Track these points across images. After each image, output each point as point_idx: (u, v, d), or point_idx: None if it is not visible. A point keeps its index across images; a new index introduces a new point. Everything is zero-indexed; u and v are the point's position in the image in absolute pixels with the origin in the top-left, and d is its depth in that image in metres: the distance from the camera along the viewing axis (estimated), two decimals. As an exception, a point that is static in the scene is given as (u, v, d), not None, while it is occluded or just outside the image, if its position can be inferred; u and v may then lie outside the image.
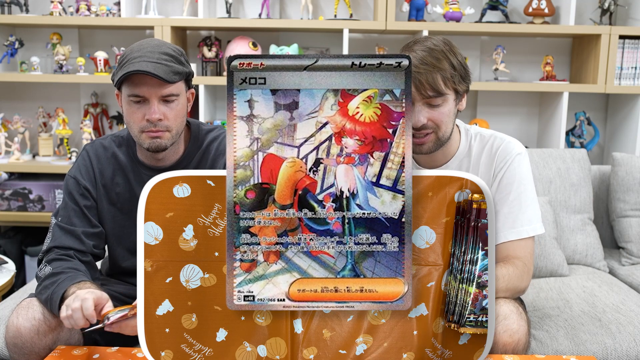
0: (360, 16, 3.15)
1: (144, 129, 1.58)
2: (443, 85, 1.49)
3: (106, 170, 1.70)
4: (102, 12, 2.91)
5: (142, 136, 1.59)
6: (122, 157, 1.71)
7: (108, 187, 1.70)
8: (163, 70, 1.53)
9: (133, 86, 1.55)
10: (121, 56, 1.59)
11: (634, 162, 2.53)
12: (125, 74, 1.52)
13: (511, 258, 1.55)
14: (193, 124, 1.75)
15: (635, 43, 2.90)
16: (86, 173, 1.69)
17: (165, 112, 1.57)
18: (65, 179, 1.71)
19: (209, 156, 1.72)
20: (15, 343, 1.50)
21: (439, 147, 1.58)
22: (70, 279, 1.48)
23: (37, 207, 2.94)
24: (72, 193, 1.67)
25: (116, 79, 1.56)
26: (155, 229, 1.39)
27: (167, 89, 1.56)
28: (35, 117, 3.12)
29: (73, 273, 1.52)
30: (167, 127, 1.59)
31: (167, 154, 1.68)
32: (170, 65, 1.55)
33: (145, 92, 1.55)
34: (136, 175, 1.69)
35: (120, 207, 1.70)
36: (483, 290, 1.37)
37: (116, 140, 1.73)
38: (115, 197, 1.70)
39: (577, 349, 1.81)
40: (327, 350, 1.41)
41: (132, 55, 1.55)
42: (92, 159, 1.70)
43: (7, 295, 2.16)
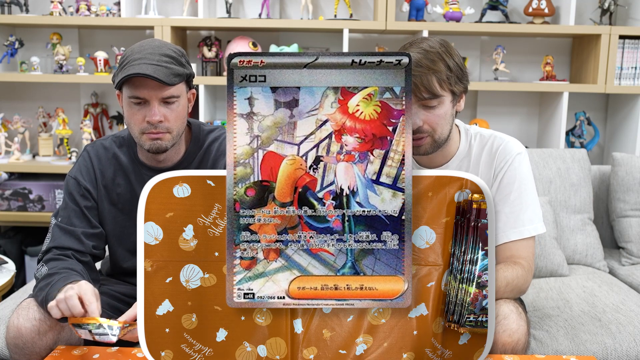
0: (360, 16, 3.15)
1: (145, 130, 1.58)
2: (438, 87, 1.48)
3: (107, 170, 1.70)
4: (102, 12, 2.91)
5: (142, 137, 1.59)
6: (123, 157, 1.71)
7: (109, 188, 1.70)
8: (163, 72, 1.53)
9: (133, 88, 1.54)
10: (122, 57, 1.59)
11: (634, 162, 2.53)
12: (126, 76, 1.51)
13: (515, 258, 1.55)
14: (194, 125, 1.75)
15: (635, 43, 2.90)
16: (87, 174, 1.69)
17: (165, 114, 1.57)
18: (65, 180, 1.71)
19: (210, 156, 1.72)
20: (16, 344, 1.49)
21: (436, 149, 1.57)
22: (64, 279, 1.47)
23: (37, 207, 2.94)
24: (72, 193, 1.67)
25: (117, 81, 1.56)
26: (155, 229, 1.39)
27: (167, 91, 1.55)
28: (35, 117, 3.12)
29: (67, 273, 1.51)
30: (167, 129, 1.58)
31: (168, 155, 1.68)
32: (170, 68, 1.55)
33: (145, 94, 1.54)
34: (137, 176, 1.69)
35: (121, 208, 1.70)
36: (483, 290, 1.37)
37: (117, 141, 1.73)
38: (116, 198, 1.70)
39: (577, 349, 1.80)
40: (327, 350, 1.41)
41: (132, 57, 1.55)
42: (93, 159, 1.70)
43: (7, 295, 2.16)
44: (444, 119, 1.53)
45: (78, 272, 1.54)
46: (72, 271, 1.53)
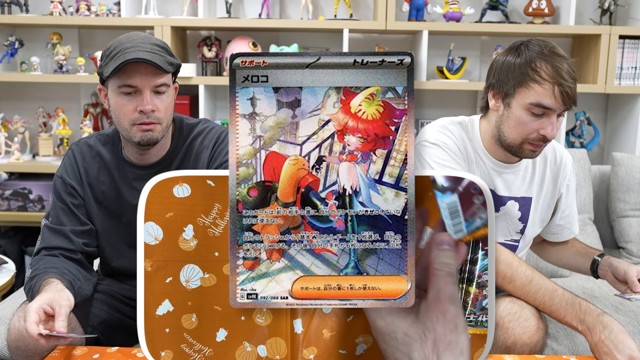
0: (360, 16, 3.15)
1: (136, 121, 1.56)
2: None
3: (91, 168, 1.69)
4: (102, 12, 2.91)
5: (133, 129, 1.57)
6: (107, 155, 1.69)
7: (93, 186, 1.69)
8: (159, 59, 1.52)
9: (125, 77, 1.52)
10: (107, 49, 1.56)
11: (634, 162, 2.54)
12: (125, 61, 1.49)
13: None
14: (177, 118, 1.73)
15: (635, 43, 2.90)
16: (72, 172, 1.68)
17: (157, 104, 1.56)
18: (53, 180, 1.70)
19: (193, 151, 1.70)
20: (17, 346, 1.49)
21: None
22: (39, 279, 1.46)
23: (37, 207, 2.94)
24: (59, 192, 1.67)
25: (110, 70, 1.51)
26: (155, 229, 1.39)
27: (160, 79, 1.54)
28: (35, 117, 3.12)
29: (42, 273, 1.49)
30: (158, 119, 1.57)
31: (154, 150, 1.66)
32: (164, 56, 1.55)
33: (138, 82, 1.53)
34: (121, 173, 1.68)
35: (106, 206, 1.69)
36: (483, 290, 1.37)
37: (101, 139, 1.72)
38: (101, 196, 1.69)
39: (577, 349, 1.81)
40: (327, 350, 1.41)
41: (123, 46, 1.53)
42: (77, 157, 1.69)
43: (7, 295, 2.15)
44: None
45: (56, 269, 1.51)
46: (47, 270, 1.50)
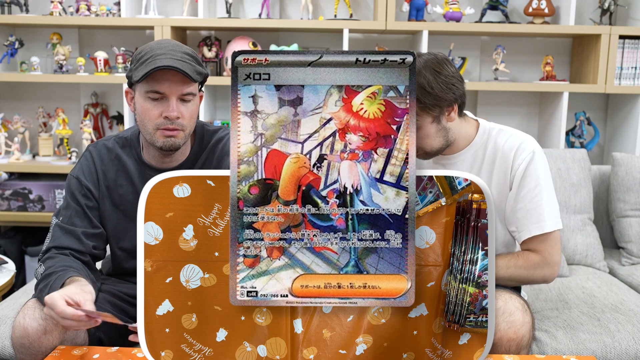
0: (360, 16, 3.15)
1: (160, 126, 1.57)
2: None
3: (109, 171, 1.69)
4: (102, 12, 2.90)
5: (156, 134, 1.59)
6: (126, 158, 1.70)
7: (111, 189, 1.69)
8: (189, 68, 1.54)
9: (154, 82, 1.54)
10: (138, 53, 1.58)
11: (634, 162, 2.54)
12: (155, 68, 1.51)
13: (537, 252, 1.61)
14: (198, 125, 1.75)
15: (635, 43, 2.90)
16: (89, 174, 1.68)
17: (182, 111, 1.58)
18: (67, 179, 1.70)
19: (214, 157, 1.72)
20: (22, 343, 1.48)
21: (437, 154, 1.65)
22: (60, 278, 1.47)
23: (37, 207, 2.94)
24: (74, 193, 1.67)
25: (140, 75, 1.53)
26: (155, 229, 1.39)
27: (187, 88, 1.56)
28: (35, 117, 3.12)
29: (63, 271, 1.50)
30: (182, 126, 1.59)
31: (175, 155, 1.68)
32: (193, 65, 1.57)
33: (166, 89, 1.54)
34: (141, 177, 1.68)
35: (123, 209, 1.69)
36: (483, 290, 1.37)
37: (120, 142, 1.72)
38: (119, 199, 1.69)
39: (576, 348, 1.81)
40: (327, 350, 1.41)
41: (154, 52, 1.55)
42: (96, 160, 1.70)
43: (7, 295, 2.15)
44: (428, 138, 1.57)
45: (75, 269, 1.53)
46: (69, 268, 1.52)
